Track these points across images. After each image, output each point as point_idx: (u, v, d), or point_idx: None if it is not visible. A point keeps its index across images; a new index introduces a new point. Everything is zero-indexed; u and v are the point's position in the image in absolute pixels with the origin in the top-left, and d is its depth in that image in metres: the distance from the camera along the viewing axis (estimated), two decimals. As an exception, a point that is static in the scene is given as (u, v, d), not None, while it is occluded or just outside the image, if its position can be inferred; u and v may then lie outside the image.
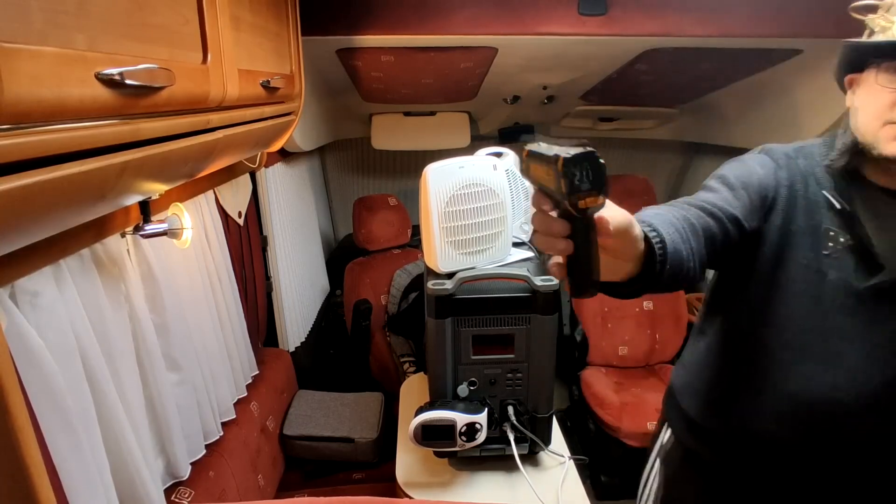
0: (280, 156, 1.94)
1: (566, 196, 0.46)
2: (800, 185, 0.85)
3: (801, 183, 0.85)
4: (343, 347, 2.36)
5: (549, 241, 0.50)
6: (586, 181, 0.46)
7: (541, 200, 0.51)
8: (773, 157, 0.88)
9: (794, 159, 0.87)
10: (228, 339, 1.45)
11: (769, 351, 0.87)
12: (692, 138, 2.67)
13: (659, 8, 1.43)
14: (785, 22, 1.44)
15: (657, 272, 0.62)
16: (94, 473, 0.83)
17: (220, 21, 0.83)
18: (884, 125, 0.75)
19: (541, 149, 0.50)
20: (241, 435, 1.45)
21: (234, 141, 0.98)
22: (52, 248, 0.78)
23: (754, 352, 0.89)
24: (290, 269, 1.99)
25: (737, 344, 0.93)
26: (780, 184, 0.85)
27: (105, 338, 0.91)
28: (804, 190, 0.84)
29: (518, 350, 1.18)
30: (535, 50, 1.60)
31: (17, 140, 0.44)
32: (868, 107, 0.77)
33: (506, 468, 1.24)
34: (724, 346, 0.96)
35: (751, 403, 0.90)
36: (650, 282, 0.63)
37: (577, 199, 0.46)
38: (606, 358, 2.32)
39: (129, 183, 0.67)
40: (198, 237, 1.30)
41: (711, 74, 1.88)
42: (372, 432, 1.75)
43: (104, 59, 0.53)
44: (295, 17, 1.29)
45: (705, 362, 0.99)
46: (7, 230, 0.51)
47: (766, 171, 0.86)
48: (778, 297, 0.85)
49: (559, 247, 0.50)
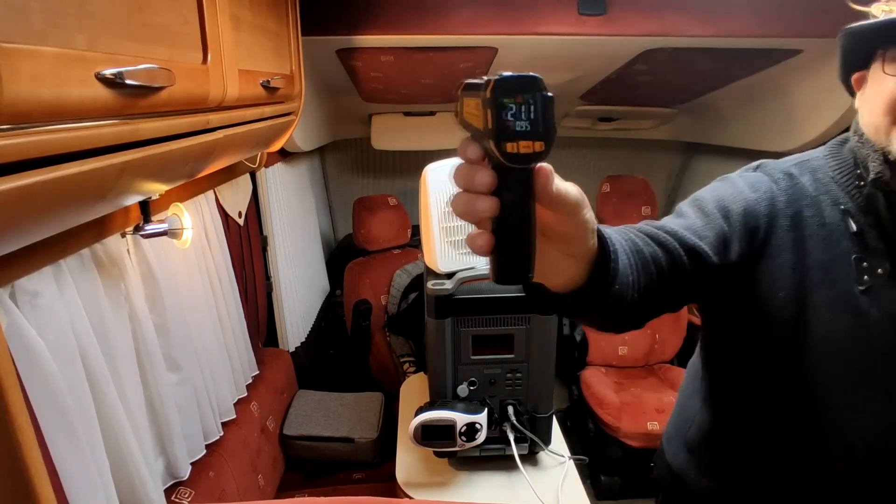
0: (280, 156, 1.94)
1: (492, 133, 0.35)
2: (810, 209, 0.69)
3: (812, 207, 0.69)
4: (343, 347, 2.36)
5: (469, 199, 0.38)
6: (523, 118, 0.34)
7: (468, 147, 0.38)
8: (771, 177, 0.73)
9: (798, 178, 0.72)
10: (228, 339, 1.45)
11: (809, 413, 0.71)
12: (691, 138, 2.67)
13: (658, 8, 1.43)
14: (784, 22, 1.44)
15: (607, 284, 0.49)
16: (94, 474, 0.83)
17: (220, 21, 0.83)
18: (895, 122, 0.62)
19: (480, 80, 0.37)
20: (241, 435, 1.45)
21: (234, 141, 0.98)
22: (52, 248, 0.78)
23: (791, 417, 0.73)
24: (290, 269, 1.99)
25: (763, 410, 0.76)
26: (777, 212, 0.70)
27: (105, 338, 0.91)
28: (817, 215, 0.69)
29: (518, 350, 1.18)
30: (534, 50, 1.60)
31: (17, 140, 0.44)
32: (876, 101, 0.65)
33: (506, 468, 1.24)
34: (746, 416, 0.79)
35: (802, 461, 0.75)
36: (596, 297, 0.50)
37: (507, 138, 0.34)
38: (606, 358, 2.32)
39: (129, 183, 0.67)
40: (198, 237, 1.30)
41: (710, 74, 1.88)
42: (372, 432, 1.75)
43: (104, 59, 0.53)
44: (295, 17, 1.29)
45: (721, 435, 0.84)
46: (7, 230, 0.51)
47: (758, 195, 0.71)
48: (809, 354, 0.68)
49: (481, 206, 0.37)
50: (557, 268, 0.47)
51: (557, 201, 0.40)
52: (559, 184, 0.39)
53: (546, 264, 0.45)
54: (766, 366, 0.73)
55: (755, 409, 0.77)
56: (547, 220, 0.42)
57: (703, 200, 0.72)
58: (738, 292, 0.71)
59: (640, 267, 0.57)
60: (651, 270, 0.59)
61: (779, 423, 0.75)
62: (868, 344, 0.66)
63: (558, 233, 0.43)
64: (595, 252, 0.48)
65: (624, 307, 0.54)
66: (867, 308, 0.65)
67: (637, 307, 0.57)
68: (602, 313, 0.53)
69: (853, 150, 0.70)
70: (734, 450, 0.82)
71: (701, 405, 0.88)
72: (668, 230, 0.65)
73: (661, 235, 0.63)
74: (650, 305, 0.61)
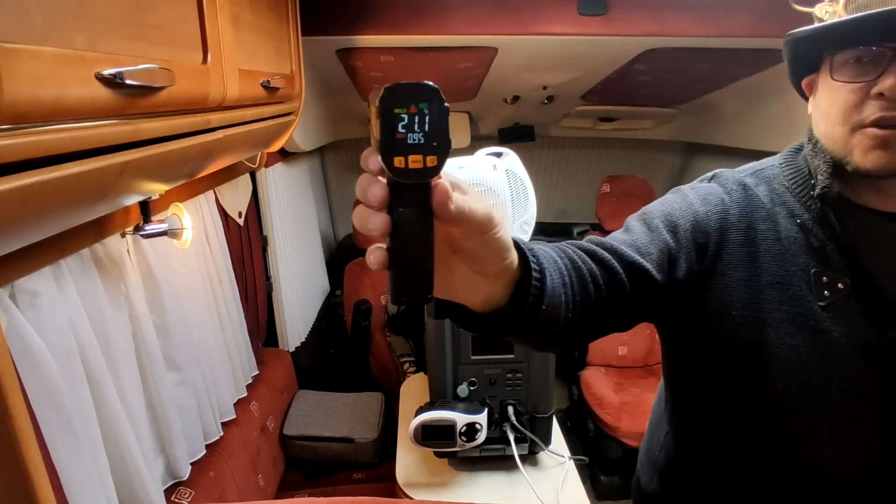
0: (280, 156, 1.94)
1: (379, 146, 0.32)
2: (765, 223, 0.65)
3: (767, 220, 0.65)
4: (343, 347, 2.36)
5: (364, 214, 0.36)
6: (416, 130, 0.32)
7: (369, 157, 0.36)
8: (724, 188, 0.69)
9: (753, 188, 0.68)
10: (228, 339, 1.45)
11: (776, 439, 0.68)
12: (691, 138, 2.67)
13: (658, 8, 1.43)
14: (784, 22, 1.43)
15: (531, 303, 0.47)
16: (93, 474, 0.83)
17: (220, 21, 0.83)
18: (853, 131, 0.58)
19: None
20: (241, 435, 1.45)
21: (234, 141, 0.98)
22: (52, 248, 0.78)
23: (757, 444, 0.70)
24: (290, 269, 1.99)
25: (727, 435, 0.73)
26: (729, 226, 0.66)
27: (105, 338, 0.91)
28: (772, 228, 0.65)
29: (518, 350, 1.18)
30: (535, 50, 1.60)
31: (17, 140, 0.44)
32: (830, 109, 0.61)
33: (506, 468, 1.24)
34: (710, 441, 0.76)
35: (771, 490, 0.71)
36: (520, 317, 0.47)
37: (393, 152, 0.32)
38: (606, 358, 2.32)
39: (129, 183, 0.67)
40: (198, 237, 1.30)
41: (710, 74, 1.88)
42: (372, 432, 1.75)
43: (104, 59, 0.53)
44: (295, 17, 1.29)
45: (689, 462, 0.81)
46: (7, 230, 0.51)
47: (708, 208, 0.67)
48: (770, 376, 0.65)
49: (371, 223, 0.35)
50: (471, 286, 0.44)
51: (460, 220, 0.37)
52: (462, 202, 0.37)
53: (459, 282, 0.43)
54: (726, 389, 0.70)
55: (720, 435, 0.74)
56: (453, 236, 0.40)
57: (650, 215, 0.68)
58: (690, 311, 0.67)
59: (576, 286, 0.55)
60: (589, 289, 0.56)
61: (746, 451, 0.71)
62: (833, 368, 0.62)
63: (466, 251, 0.41)
64: (517, 271, 0.46)
65: (557, 327, 0.52)
66: (828, 326, 0.62)
67: (575, 326, 0.54)
68: (532, 333, 0.50)
69: (806, 158, 0.67)
70: (703, 477, 0.79)
71: (668, 430, 0.85)
72: (608, 247, 0.62)
73: (600, 252, 0.60)
74: (591, 325, 0.58)
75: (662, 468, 0.86)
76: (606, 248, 0.62)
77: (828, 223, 0.63)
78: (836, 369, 0.62)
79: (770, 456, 0.69)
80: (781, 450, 0.68)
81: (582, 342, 0.62)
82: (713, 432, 0.75)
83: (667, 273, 0.63)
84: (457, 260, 0.42)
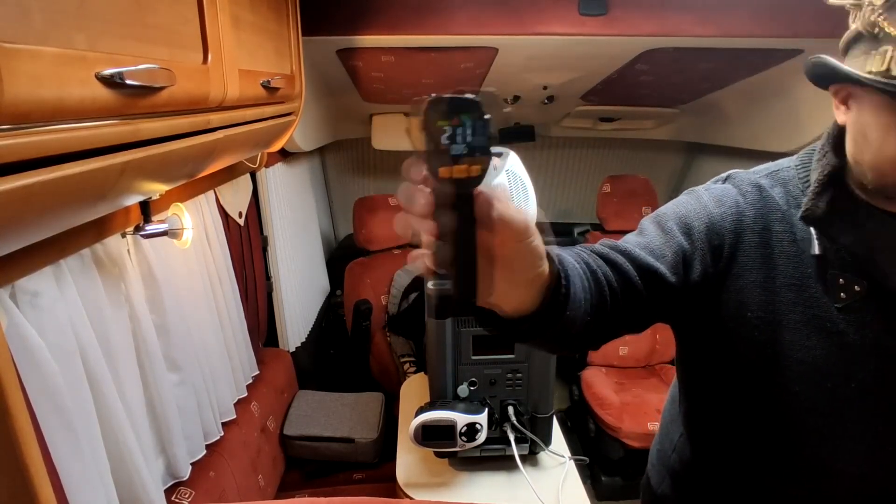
0: (280, 156, 1.94)
1: (426, 157, 0.34)
2: (780, 224, 0.65)
3: (783, 221, 0.65)
4: (343, 348, 2.36)
5: (406, 221, 0.37)
6: (459, 142, 0.33)
7: (411, 167, 0.37)
8: (739, 189, 0.68)
9: (769, 190, 0.67)
10: (229, 339, 1.45)
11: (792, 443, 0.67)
12: (693, 138, 2.67)
13: (659, 8, 1.43)
14: (785, 22, 1.43)
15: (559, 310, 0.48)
16: (94, 474, 0.83)
17: (220, 21, 0.83)
18: None
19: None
20: (241, 435, 1.45)
21: (234, 141, 0.98)
22: (52, 248, 0.78)
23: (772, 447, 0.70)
24: (290, 269, 1.99)
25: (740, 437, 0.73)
26: (744, 228, 0.65)
27: (105, 338, 0.91)
28: (788, 230, 0.64)
29: (518, 350, 1.18)
30: (535, 50, 1.60)
31: (17, 140, 0.44)
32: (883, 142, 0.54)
33: (506, 468, 1.24)
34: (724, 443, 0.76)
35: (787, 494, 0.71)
36: (545, 323, 0.48)
37: (441, 163, 0.34)
38: (607, 358, 2.32)
39: (129, 183, 0.67)
40: (198, 237, 1.30)
41: (711, 74, 1.88)
42: (372, 432, 1.75)
43: (104, 59, 0.53)
44: (295, 17, 1.29)
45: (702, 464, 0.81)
46: (7, 230, 0.51)
47: (723, 210, 0.66)
48: (786, 379, 0.64)
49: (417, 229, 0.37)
50: (503, 293, 0.45)
51: (500, 227, 0.39)
52: (502, 209, 0.38)
53: (493, 290, 0.44)
54: (741, 392, 0.70)
55: (733, 437, 0.74)
56: (491, 244, 0.41)
57: (664, 217, 0.68)
58: (705, 313, 0.67)
59: (593, 290, 0.56)
60: (604, 293, 0.57)
61: (761, 453, 0.71)
62: (849, 370, 0.62)
63: (503, 259, 0.42)
64: (548, 278, 0.47)
65: (573, 331, 0.52)
66: (844, 328, 0.61)
67: (590, 329, 0.55)
68: (551, 337, 0.51)
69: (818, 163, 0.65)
70: (716, 479, 0.79)
71: (682, 431, 0.84)
72: (622, 250, 0.62)
73: (614, 256, 0.61)
74: (605, 327, 0.59)
75: (675, 469, 0.86)
76: (620, 252, 0.62)
77: (840, 225, 0.61)
78: (852, 372, 0.62)
79: (783, 458, 0.69)
80: (795, 452, 0.67)
81: (596, 344, 0.63)
82: (727, 434, 0.74)
83: (681, 275, 0.63)
84: (491, 268, 0.43)
